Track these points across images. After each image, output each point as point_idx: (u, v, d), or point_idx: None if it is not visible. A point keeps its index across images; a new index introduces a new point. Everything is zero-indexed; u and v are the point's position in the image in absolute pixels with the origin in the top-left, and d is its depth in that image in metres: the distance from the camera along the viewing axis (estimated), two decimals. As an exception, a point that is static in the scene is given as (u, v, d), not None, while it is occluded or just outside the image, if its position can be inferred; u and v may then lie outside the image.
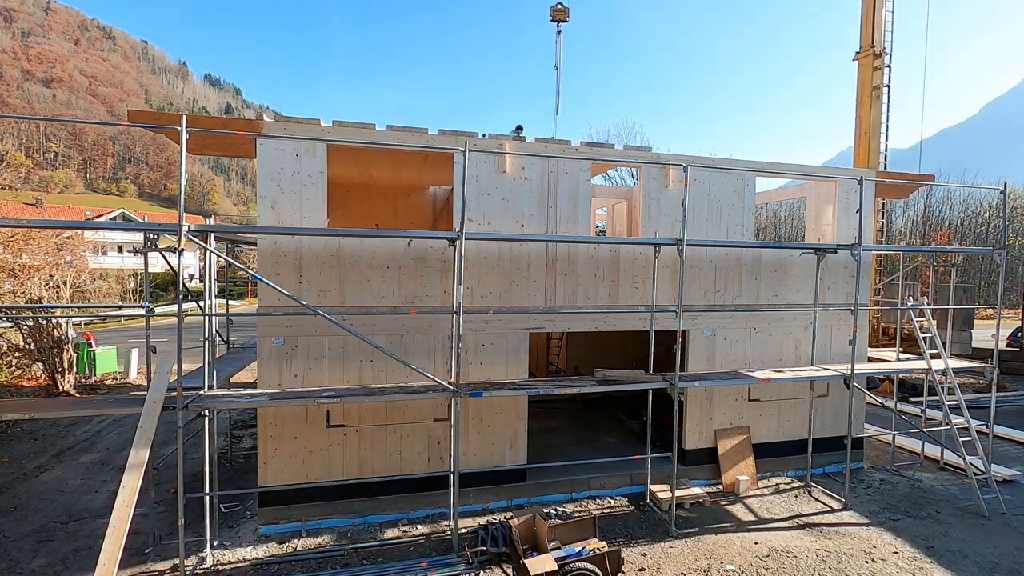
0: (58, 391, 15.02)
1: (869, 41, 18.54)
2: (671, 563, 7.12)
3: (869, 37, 18.53)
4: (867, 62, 18.69)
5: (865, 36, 18.67)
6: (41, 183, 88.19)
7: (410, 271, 8.09)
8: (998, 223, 46.76)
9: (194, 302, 8.80)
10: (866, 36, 18.64)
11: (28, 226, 9.55)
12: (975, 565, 7.14)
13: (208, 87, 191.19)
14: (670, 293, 9.13)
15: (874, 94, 18.57)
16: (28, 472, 10.03)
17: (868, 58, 18.63)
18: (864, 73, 18.83)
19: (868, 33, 18.56)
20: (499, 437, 8.65)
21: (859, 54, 18.92)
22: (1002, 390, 16.21)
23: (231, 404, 6.79)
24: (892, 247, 12.01)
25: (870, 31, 18.49)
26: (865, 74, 18.80)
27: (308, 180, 7.56)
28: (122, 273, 38.68)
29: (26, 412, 7.04)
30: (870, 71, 18.62)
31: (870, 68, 18.60)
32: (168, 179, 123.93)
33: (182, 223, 6.13)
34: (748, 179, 9.56)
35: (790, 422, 10.14)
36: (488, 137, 8.53)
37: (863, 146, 18.85)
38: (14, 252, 16.26)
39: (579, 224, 8.76)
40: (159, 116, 7.21)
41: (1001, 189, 10.45)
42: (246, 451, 11.13)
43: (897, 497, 9.26)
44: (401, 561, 6.92)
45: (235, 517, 8.20)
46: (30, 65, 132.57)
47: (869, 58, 18.60)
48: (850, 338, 8.93)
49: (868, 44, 18.55)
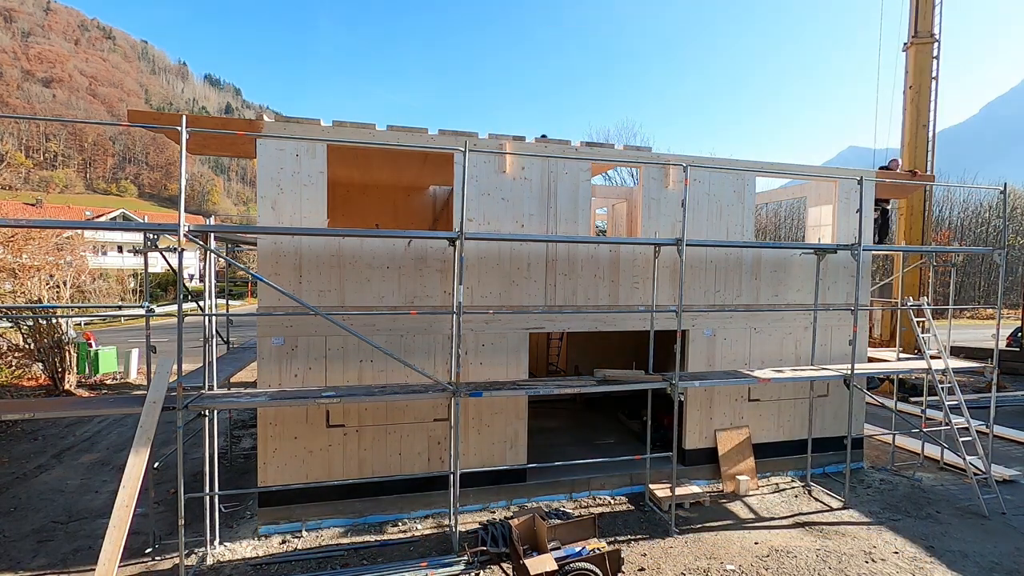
0: (58, 391, 15.02)
1: (928, 26, 17.16)
2: (671, 563, 7.12)
3: (928, 21, 17.16)
4: (925, 49, 17.29)
5: (923, 20, 17.23)
6: (41, 183, 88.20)
7: (410, 271, 8.08)
8: (998, 223, 46.76)
9: (194, 302, 8.81)
10: (923, 20, 17.22)
11: (28, 226, 9.56)
12: (975, 565, 7.14)
13: (208, 87, 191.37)
14: (670, 293, 9.13)
15: (932, 84, 17.26)
16: (28, 472, 10.03)
17: (928, 44, 17.24)
18: (920, 61, 17.37)
19: (927, 16, 17.19)
20: (499, 437, 8.65)
21: (913, 40, 17.46)
22: (1002, 390, 16.21)
23: (231, 404, 6.79)
24: (892, 247, 12.01)
25: (929, 13, 17.17)
26: (921, 62, 17.35)
27: (308, 180, 7.56)
28: (122, 273, 38.74)
29: (26, 412, 7.04)
30: (929, 58, 17.26)
31: (929, 55, 17.25)
32: (168, 179, 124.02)
33: (182, 223, 6.13)
34: (748, 179, 9.56)
35: (790, 422, 10.15)
36: (488, 137, 8.53)
37: (920, 139, 17.47)
38: (14, 252, 16.27)
39: (579, 224, 8.76)
40: (159, 116, 7.21)
41: (1001, 189, 10.45)
42: (246, 451, 11.13)
43: (897, 497, 9.26)
44: (401, 561, 6.91)
45: (235, 517, 8.20)
46: (30, 65, 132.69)
47: (929, 44, 17.23)
48: (850, 338, 8.93)
49: (927, 29, 17.18)
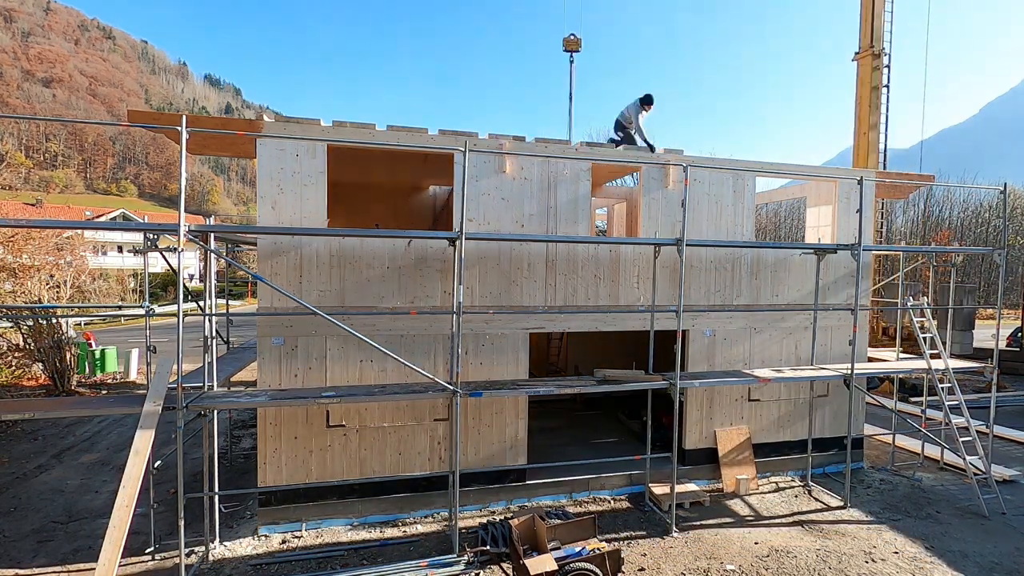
0: (58, 391, 15.03)
1: (868, 41, 18.75)
2: (671, 563, 7.12)
3: (868, 37, 18.73)
4: (867, 62, 18.89)
5: (864, 36, 18.87)
6: (41, 183, 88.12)
7: (410, 271, 8.08)
8: (998, 223, 46.75)
9: (194, 302, 8.81)
10: (864, 36, 18.84)
11: (28, 226, 9.56)
12: (975, 565, 7.14)
13: (208, 87, 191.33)
14: (670, 293, 9.12)
15: (873, 94, 18.74)
16: (28, 472, 10.03)
17: (868, 58, 18.83)
18: (864, 73, 19.03)
19: (867, 33, 18.75)
20: (499, 437, 8.65)
21: (858, 54, 19.12)
22: (1002, 390, 16.21)
23: (231, 404, 6.79)
24: (892, 247, 12.00)
25: (869, 31, 18.69)
26: (865, 74, 19.00)
27: (308, 180, 7.56)
28: (122, 273, 38.77)
29: (26, 412, 7.03)
30: (870, 71, 18.81)
31: (870, 68, 18.79)
32: (168, 179, 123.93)
33: (182, 223, 6.13)
34: (748, 179, 9.56)
35: (790, 422, 10.15)
36: (488, 137, 8.53)
37: (863, 146, 19.03)
38: (14, 252, 16.29)
39: (579, 224, 8.76)
40: (159, 116, 7.21)
41: (1001, 189, 10.46)
42: (246, 451, 11.13)
43: (897, 497, 9.26)
44: (401, 561, 6.92)
45: (235, 517, 8.20)
46: (30, 65, 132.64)
47: (868, 58, 18.78)
48: (850, 338, 8.93)
49: (868, 44, 18.79)
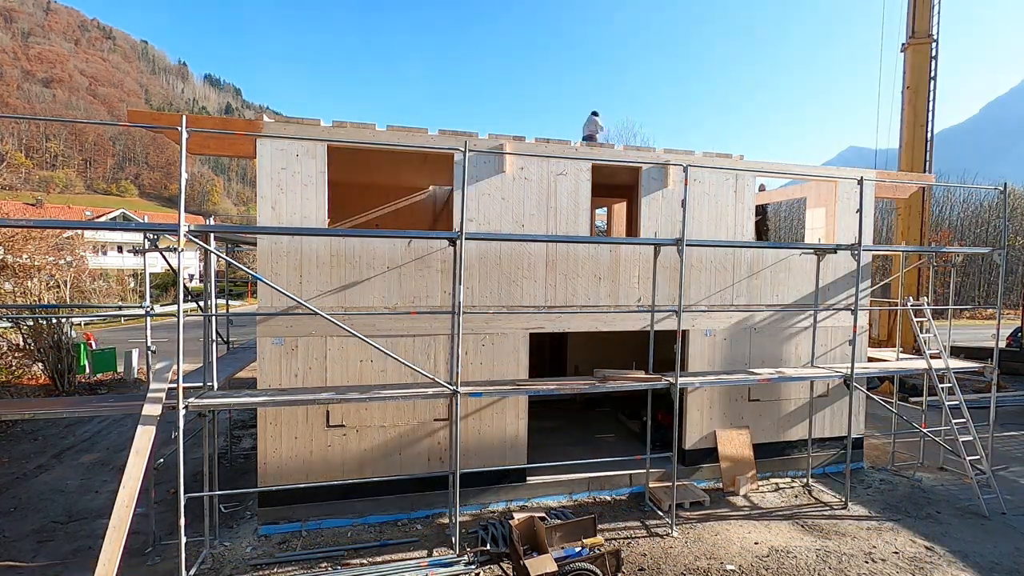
0: (58, 391, 15.03)
1: (925, 27, 17.00)
2: (671, 563, 7.12)
3: (925, 21, 17.02)
4: (923, 49, 17.09)
5: (920, 20, 17.10)
6: (41, 183, 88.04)
7: (410, 271, 8.08)
8: (998, 223, 46.75)
9: (194, 302, 8.81)
10: (921, 21, 17.09)
11: (28, 226, 9.55)
12: (975, 565, 7.14)
13: (208, 87, 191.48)
14: (670, 293, 9.13)
15: (931, 83, 17.15)
16: (28, 472, 10.03)
17: (925, 45, 17.04)
18: (918, 61, 17.22)
19: (924, 17, 17.05)
20: (499, 437, 8.64)
21: (911, 40, 17.34)
22: (1002, 390, 16.21)
23: (231, 404, 6.78)
24: (892, 247, 12.00)
25: (926, 14, 17.02)
26: (919, 62, 17.18)
27: (308, 180, 7.56)
28: (122, 273, 38.76)
29: (26, 412, 7.03)
30: (926, 58, 17.06)
31: (926, 56, 17.06)
32: (168, 179, 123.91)
33: (182, 223, 6.13)
34: (748, 179, 9.56)
35: (790, 422, 10.15)
36: (488, 137, 8.53)
37: (918, 139, 17.40)
38: (14, 252, 16.27)
39: (579, 224, 8.76)
40: (159, 116, 7.22)
41: (1001, 189, 10.46)
42: (246, 451, 11.13)
43: (897, 497, 9.26)
44: (401, 561, 6.92)
45: (235, 517, 8.20)
46: (30, 65, 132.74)
47: (926, 45, 17.03)
48: (850, 338, 8.93)
49: (924, 30, 17.02)
